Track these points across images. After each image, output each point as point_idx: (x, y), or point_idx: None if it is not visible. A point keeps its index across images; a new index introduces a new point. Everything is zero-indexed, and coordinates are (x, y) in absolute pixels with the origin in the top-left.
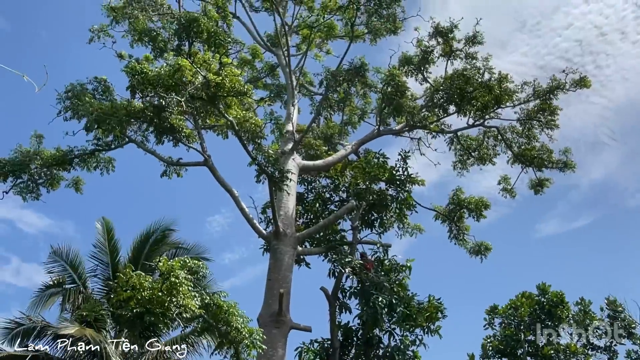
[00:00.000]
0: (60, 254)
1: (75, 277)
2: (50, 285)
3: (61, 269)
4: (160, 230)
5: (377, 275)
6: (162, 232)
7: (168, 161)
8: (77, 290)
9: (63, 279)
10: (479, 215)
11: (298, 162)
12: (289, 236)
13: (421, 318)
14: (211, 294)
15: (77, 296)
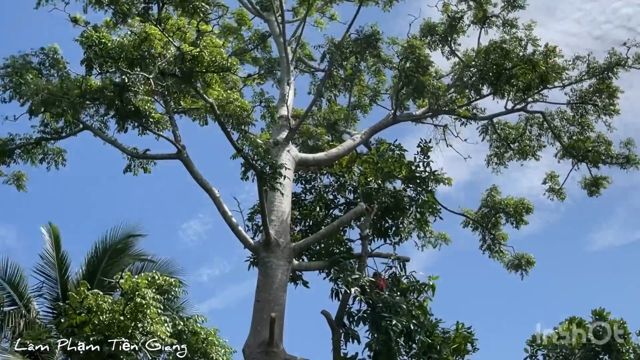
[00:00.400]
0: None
1: (15, 298)
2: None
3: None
4: (121, 237)
5: (392, 296)
6: (124, 240)
7: (132, 153)
8: (18, 314)
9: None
10: (518, 221)
11: (294, 155)
12: (282, 247)
13: (447, 350)
14: (186, 319)
15: (18, 321)
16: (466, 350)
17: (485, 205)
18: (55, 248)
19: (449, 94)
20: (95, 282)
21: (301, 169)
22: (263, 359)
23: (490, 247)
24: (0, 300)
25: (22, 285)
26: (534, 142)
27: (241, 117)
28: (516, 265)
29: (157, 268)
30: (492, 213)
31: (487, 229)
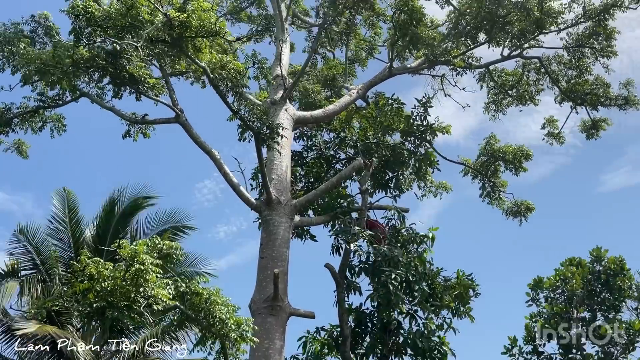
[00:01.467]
0: (26, 233)
1: (37, 262)
2: (7, 273)
3: (24, 251)
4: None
5: (391, 248)
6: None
7: (131, 119)
8: (37, 278)
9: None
10: (518, 167)
11: (292, 114)
12: (283, 204)
13: (448, 297)
14: (188, 280)
15: (36, 285)
16: (468, 296)
17: (484, 153)
18: (69, 212)
19: (445, 44)
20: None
21: (300, 127)
22: (269, 313)
23: (489, 194)
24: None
25: (45, 251)
26: (532, 88)
27: (235, 79)
28: (515, 211)
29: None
30: (491, 161)
31: (486, 177)
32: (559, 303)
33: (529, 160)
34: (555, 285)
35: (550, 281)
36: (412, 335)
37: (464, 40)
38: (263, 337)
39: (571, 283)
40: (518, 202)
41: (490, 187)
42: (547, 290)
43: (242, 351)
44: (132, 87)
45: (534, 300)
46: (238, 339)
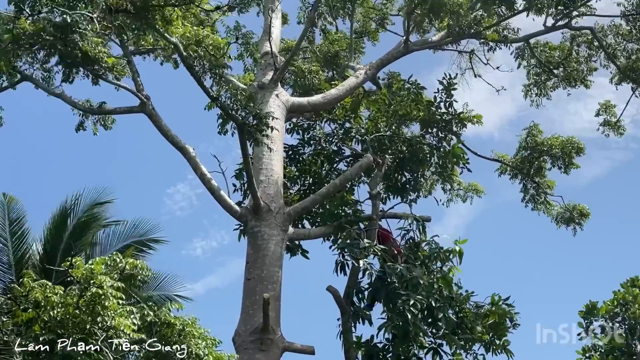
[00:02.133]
0: None
1: None
2: None
3: None
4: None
5: (409, 267)
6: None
7: (84, 108)
8: None
9: None
10: (567, 163)
11: (284, 100)
12: (274, 212)
13: (480, 328)
14: (157, 307)
15: None
16: (505, 326)
17: (525, 147)
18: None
19: (474, 12)
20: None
21: (295, 116)
22: (257, 347)
23: (533, 197)
24: None
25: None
26: (582, 66)
27: (214, 58)
28: (567, 218)
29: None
30: (534, 156)
31: (528, 176)
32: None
33: (581, 154)
34: (613, 312)
35: (608, 307)
36: None
37: (497, 7)
38: None
39: (634, 309)
40: (569, 207)
41: (534, 189)
42: (603, 318)
43: None
44: (87, 69)
45: (587, 331)
46: None
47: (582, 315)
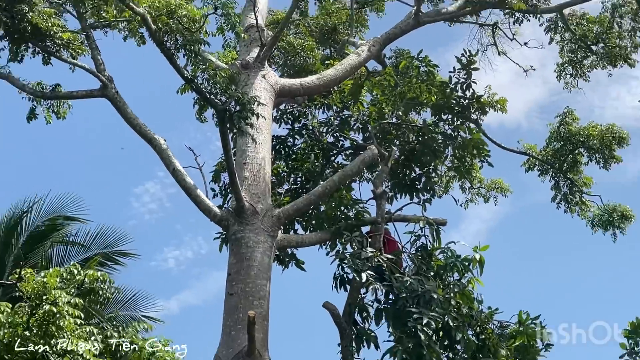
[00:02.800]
0: None
1: None
2: None
3: None
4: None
5: (421, 280)
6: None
7: (35, 92)
8: None
9: None
10: (608, 157)
11: (273, 82)
12: (261, 215)
13: (506, 351)
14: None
15: None
16: (535, 349)
17: (557, 137)
18: None
19: None
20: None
21: (285, 101)
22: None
23: (566, 197)
24: None
25: None
26: (625, 41)
27: (189, 32)
28: (605, 221)
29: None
30: (568, 148)
31: (561, 172)
32: None
33: (625, 146)
34: None
35: None
36: None
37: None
38: None
39: None
40: (609, 208)
41: (567, 187)
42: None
43: None
44: (38, 45)
45: (631, 355)
46: None
47: (626, 335)
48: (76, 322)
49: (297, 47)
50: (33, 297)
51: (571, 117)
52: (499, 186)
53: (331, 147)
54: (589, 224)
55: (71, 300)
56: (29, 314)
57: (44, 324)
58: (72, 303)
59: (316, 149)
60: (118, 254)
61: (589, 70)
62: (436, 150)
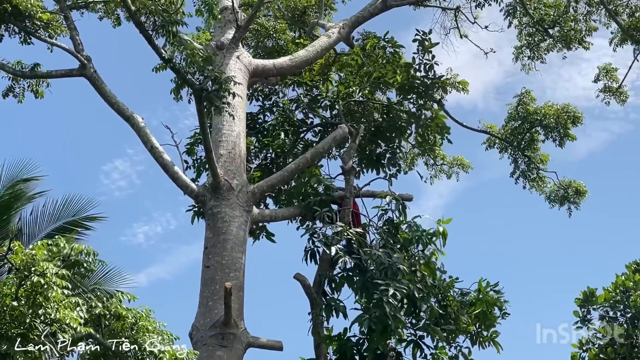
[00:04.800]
0: None
1: None
2: None
3: None
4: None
5: (388, 252)
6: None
7: (14, 71)
8: None
9: None
10: (563, 135)
11: (247, 62)
12: (236, 191)
13: (466, 318)
14: (106, 298)
15: None
16: (493, 317)
17: (515, 116)
18: None
19: None
20: None
21: (258, 80)
22: (217, 344)
23: (524, 173)
24: None
25: None
26: (581, 25)
27: (167, 12)
28: (561, 197)
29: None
30: (526, 127)
31: (519, 149)
32: (618, 325)
33: (578, 124)
34: (614, 300)
35: (608, 294)
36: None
37: None
38: None
39: (635, 296)
40: (564, 184)
41: (525, 164)
42: (602, 307)
43: None
44: (17, 25)
45: (584, 322)
46: None
47: (579, 304)
48: (63, 293)
49: (269, 29)
50: (22, 268)
51: (529, 97)
52: (460, 163)
53: (301, 124)
54: (546, 200)
55: (58, 272)
56: (17, 285)
57: (32, 294)
58: (59, 275)
59: (286, 126)
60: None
61: (545, 53)
62: (401, 127)
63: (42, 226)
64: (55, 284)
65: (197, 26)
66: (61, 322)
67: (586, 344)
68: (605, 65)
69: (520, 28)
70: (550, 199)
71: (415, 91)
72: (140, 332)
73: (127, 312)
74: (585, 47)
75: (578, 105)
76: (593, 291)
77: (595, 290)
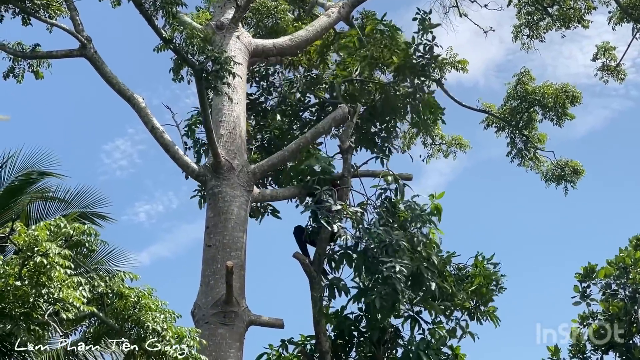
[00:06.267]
0: None
1: None
2: None
3: None
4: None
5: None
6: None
7: (15, 52)
8: None
9: None
10: (561, 114)
11: (247, 43)
12: (237, 171)
13: (463, 293)
14: (109, 277)
15: None
16: (490, 291)
17: (514, 96)
18: None
19: None
20: None
21: (258, 60)
22: (219, 322)
23: (521, 152)
24: None
25: None
26: (580, 3)
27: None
28: (558, 175)
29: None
30: (524, 106)
31: (517, 129)
32: (618, 300)
33: (577, 104)
34: (613, 276)
35: (607, 270)
36: (415, 347)
37: None
38: (213, 355)
39: (635, 272)
40: (561, 163)
41: (522, 143)
42: (602, 282)
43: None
44: (17, 5)
45: (583, 297)
46: (179, 357)
47: (579, 279)
48: (66, 273)
49: (270, 8)
50: (25, 249)
51: (528, 77)
52: (458, 142)
53: (298, 105)
54: (543, 179)
55: (61, 252)
56: (20, 265)
57: (35, 274)
58: (61, 254)
59: (283, 106)
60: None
61: (544, 32)
62: (396, 107)
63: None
64: (58, 263)
65: (196, 5)
66: (64, 301)
67: (586, 318)
68: (603, 44)
69: (520, 7)
70: (547, 178)
71: (412, 71)
72: (142, 310)
73: (129, 290)
74: (584, 25)
75: (579, 83)
76: (593, 267)
77: (596, 265)
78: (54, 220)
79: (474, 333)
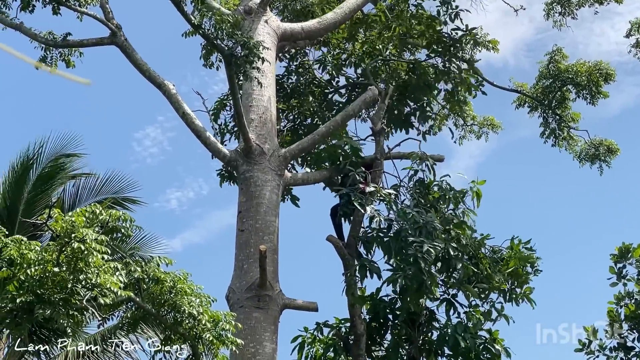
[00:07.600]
0: None
1: None
2: None
3: None
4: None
5: (421, 212)
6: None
7: (47, 41)
8: None
9: None
10: (595, 93)
11: (275, 27)
12: (268, 155)
13: (499, 276)
14: (144, 263)
15: None
16: (526, 274)
17: (546, 75)
18: None
19: None
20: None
21: (287, 44)
22: (254, 305)
23: (554, 132)
24: None
25: None
26: None
27: None
28: (592, 155)
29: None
30: (557, 85)
31: (550, 108)
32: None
33: (611, 82)
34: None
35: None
36: (451, 330)
37: None
38: (248, 339)
39: None
40: (596, 142)
41: (556, 123)
42: (638, 262)
43: (221, 358)
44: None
45: (619, 277)
46: (215, 341)
47: (614, 260)
48: (103, 258)
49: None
50: (62, 235)
51: (560, 55)
52: (490, 123)
53: (327, 85)
54: (577, 158)
55: (97, 238)
56: (58, 252)
57: (72, 260)
58: (98, 240)
59: (312, 87)
60: (126, 201)
61: (576, 8)
62: (429, 84)
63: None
64: (94, 249)
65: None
66: (102, 287)
67: (622, 299)
68: (637, 20)
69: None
70: (580, 158)
71: (443, 46)
72: (178, 295)
73: (165, 275)
74: (618, 1)
75: (611, 61)
76: (628, 247)
77: (631, 245)
78: (89, 206)
79: (509, 316)
